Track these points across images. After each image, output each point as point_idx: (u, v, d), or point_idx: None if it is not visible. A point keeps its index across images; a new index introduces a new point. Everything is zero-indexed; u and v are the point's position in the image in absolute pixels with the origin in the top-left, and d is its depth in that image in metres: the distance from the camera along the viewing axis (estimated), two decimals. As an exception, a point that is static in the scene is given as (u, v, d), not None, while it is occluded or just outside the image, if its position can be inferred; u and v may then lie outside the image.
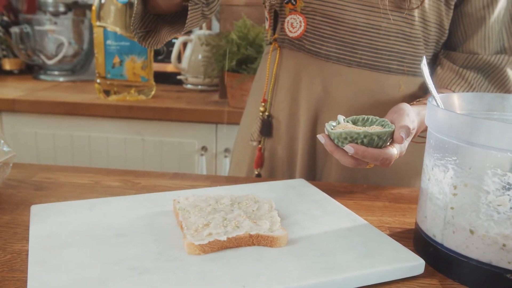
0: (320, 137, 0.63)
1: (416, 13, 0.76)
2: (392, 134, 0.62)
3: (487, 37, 0.79)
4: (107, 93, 1.55)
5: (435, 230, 0.54)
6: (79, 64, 1.94)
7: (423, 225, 0.57)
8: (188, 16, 0.71)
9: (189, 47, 1.73)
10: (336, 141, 0.62)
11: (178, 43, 1.69)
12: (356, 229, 0.59)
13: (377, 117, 0.66)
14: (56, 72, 1.91)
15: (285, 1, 0.79)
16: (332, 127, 0.63)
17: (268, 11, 0.85)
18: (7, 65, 1.95)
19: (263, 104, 0.87)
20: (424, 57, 0.60)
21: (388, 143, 0.62)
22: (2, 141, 0.71)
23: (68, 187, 0.74)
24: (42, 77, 1.90)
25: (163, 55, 1.82)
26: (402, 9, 0.75)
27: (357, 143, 0.60)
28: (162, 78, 1.81)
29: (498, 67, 0.80)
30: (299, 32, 0.80)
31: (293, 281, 0.47)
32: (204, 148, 1.52)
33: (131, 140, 1.53)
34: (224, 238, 0.52)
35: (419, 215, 0.58)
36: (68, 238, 0.54)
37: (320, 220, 0.61)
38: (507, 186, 0.47)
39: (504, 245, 0.49)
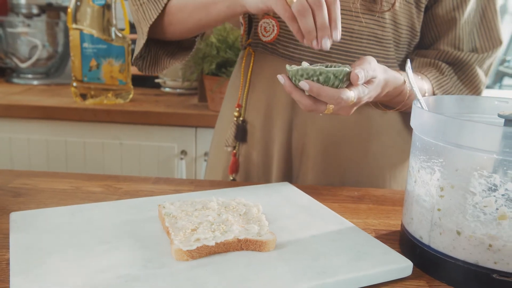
0: (280, 77, 0.64)
1: (387, 15, 0.76)
2: (349, 75, 0.62)
3: (458, 38, 0.81)
4: (83, 96, 1.52)
5: (422, 231, 0.55)
6: (54, 67, 1.90)
7: (409, 227, 0.58)
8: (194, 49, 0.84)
9: (167, 50, 1.71)
10: (293, 79, 0.63)
11: (155, 46, 1.67)
12: (344, 232, 0.59)
13: (338, 64, 0.67)
14: (29, 76, 1.86)
15: None
16: None
17: (242, 16, 0.84)
18: (-22, 68, 1.90)
19: (237, 109, 0.87)
20: (409, 60, 0.61)
21: (345, 85, 0.63)
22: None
23: (47, 193, 0.72)
24: (15, 80, 1.85)
25: (140, 58, 1.80)
26: (374, 12, 0.76)
27: (313, 81, 0.61)
28: (140, 81, 1.79)
29: (467, 64, 0.82)
30: (272, 36, 0.80)
31: (286, 286, 0.46)
32: (183, 152, 1.51)
33: (109, 145, 1.50)
34: (212, 243, 0.51)
35: (405, 217, 0.59)
36: (50, 246, 0.52)
37: (308, 223, 0.61)
38: (493, 187, 0.48)
39: (490, 245, 0.49)
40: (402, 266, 0.52)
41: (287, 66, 0.63)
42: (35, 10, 1.87)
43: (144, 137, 1.50)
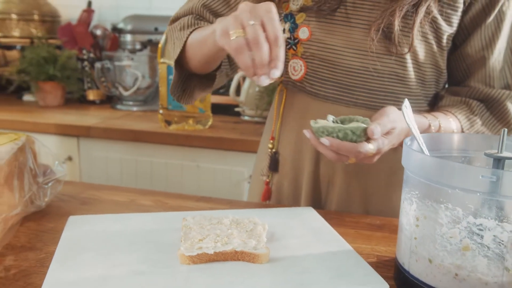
0: (306, 132, 0.72)
1: (408, 56, 0.81)
2: (366, 130, 0.68)
3: (489, 75, 0.83)
4: (168, 122, 1.71)
5: (404, 258, 0.59)
6: (151, 96, 2.14)
7: (398, 253, 0.62)
8: (216, 82, 0.90)
9: (247, 81, 1.85)
10: (316, 135, 0.70)
11: (236, 77, 1.82)
12: (339, 254, 0.65)
13: (361, 117, 0.73)
14: (130, 103, 2.12)
15: (288, 47, 0.88)
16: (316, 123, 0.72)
17: None
18: (91, 95, 2.20)
19: (271, 141, 0.95)
20: (406, 99, 0.65)
21: (364, 139, 0.69)
22: (57, 162, 0.85)
23: (107, 203, 0.87)
24: (119, 106, 2.11)
25: (224, 88, 1.96)
26: (393, 53, 0.81)
27: (333, 137, 0.68)
28: (222, 109, 1.94)
29: (498, 101, 0.84)
30: (300, 75, 0.88)
31: (260, 292, 0.54)
32: (252, 177, 1.62)
33: (188, 166, 1.67)
34: (211, 251, 0.60)
35: (397, 245, 0.63)
36: (90, 244, 0.65)
37: (310, 244, 0.68)
38: (457, 219, 0.52)
39: (456, 274, 0.53)
40: (378, 287, 0.57)
41: (311, 122, 0.71)
42: (138, 46, 2.13)
43: (218, 161, 1.63)
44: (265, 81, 0.65)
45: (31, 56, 2.04)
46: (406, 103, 0.65)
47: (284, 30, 0.88)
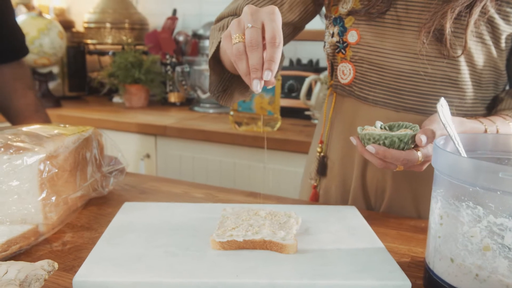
0: (352, 139, 0.72)
1: (462, 58, 0.78)
2: (414, 137, 0.67)
3: None
4: (239, 124, 1.77)
5: (429, 257, 0.59)
6: (227, 99, 2.23)
7: (426, 253, 0.61)
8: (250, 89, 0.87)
9: (318, 85, 1.86)
10: (363, 142, 0.70)
11: (307, 81, 1.84)
12: (368, 250, 0.66)
13: (411, 123, 0.71)
14: (207, 105, 2.22)
15: (337, 51, 0.88)
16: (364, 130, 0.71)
17: (327, 60, 0.94)
18: (172, 98, 2.33)
19: (320, 145, 0.96)
20: (442, 98, 0.64)
21: (412, 146, 0.68)
22: (120, 154, 0.93)
23: (164, 194, 0.93)
24: (196, 108, 2.22)
25: (295, 92, 1.99)
26: (445, 56, 0.78)
27: (380, 144, 0.67)
28: (292, 113, 1.97)
29: None
30: (349, 79, 0.88)
31: (279, 278, 0.56)
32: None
33: (254, 167, 1.72)
34: (240, 239, 0.64)
35: (426, 245, 0.62)
36: (135, 226, 0.72)
37: (341, 240, 0.69)
38: (478, 218, 0.51)
39: (477, 275, 0.51)
40: (398, 283, 0.57)
41: (358, 129, 0.72)
42: (216, 51, 2.22)
43: (283, 162, 1.67)
44: (256, 86, 0.62)
45: (120, 61, 2.22)
46: (443, 102, 0.64)
47: (333, 33, 0.89)
